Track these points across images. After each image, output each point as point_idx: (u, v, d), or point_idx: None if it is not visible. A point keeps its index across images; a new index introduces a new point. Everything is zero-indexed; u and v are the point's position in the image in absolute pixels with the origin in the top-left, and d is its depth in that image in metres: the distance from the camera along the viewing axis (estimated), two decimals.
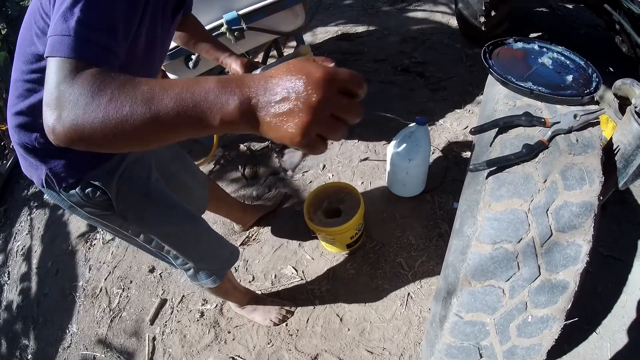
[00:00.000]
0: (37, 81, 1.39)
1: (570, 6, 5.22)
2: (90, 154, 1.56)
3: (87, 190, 1.61)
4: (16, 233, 4.00)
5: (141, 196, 1.77)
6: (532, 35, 4.69)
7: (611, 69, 3.92)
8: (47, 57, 1.00)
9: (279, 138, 0.83)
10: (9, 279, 3.61)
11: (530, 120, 1.60)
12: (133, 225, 1.82)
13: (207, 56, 2.13)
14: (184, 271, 2.14)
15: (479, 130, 1.68)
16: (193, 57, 2.75)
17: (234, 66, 2.06)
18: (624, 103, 1.58)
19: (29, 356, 2.98)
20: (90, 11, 1.05)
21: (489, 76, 1.95)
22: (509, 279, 1.42)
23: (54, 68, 0.97)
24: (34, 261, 3.60)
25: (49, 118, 0.93)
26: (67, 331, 2.97)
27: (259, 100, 0.82)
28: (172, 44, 2.55)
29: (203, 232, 2.08)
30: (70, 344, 2.88)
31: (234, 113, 0.82)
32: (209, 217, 3.24)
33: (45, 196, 4.07)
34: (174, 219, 1.90)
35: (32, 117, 1.46)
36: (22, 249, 3.79)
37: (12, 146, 4.73)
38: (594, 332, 2.30)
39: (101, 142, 0.91)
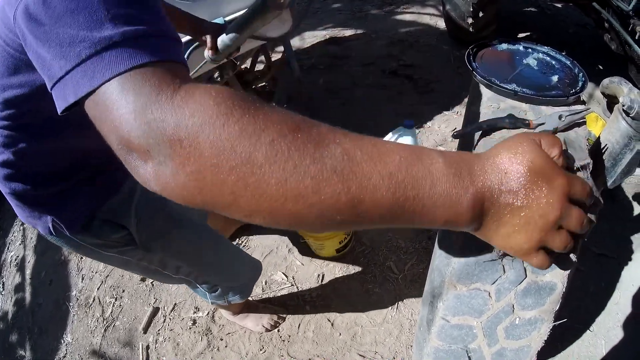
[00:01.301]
0: (11, 128, 1.23)
1: (559, 5, 5.24)
2: (97, 188, 1.46)
3: (103, 229, 1.47)
4: (9, 243, 3.98)
5: (163, 220, 1.64)
6: (521, 35, 4.71)
7: (601, 67, 3.95)
8: (89, 91, 0.65)
9: (503, 246, 0.70)
10: (3, 289, 3.60)
11: (514, 122, 1.59)
12: (157, 255, 1.69)
13: (188, 33, 1.91)
14: (207, 292, 2.08)
15: (462, 134, 1.68)
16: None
17: (208, 36, 1.83)
18: (611, 101, 1.58)
19: None
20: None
21: (473, 79, 1.96)
22: (494, 282, 1.41)
23: (115, 92, 0.63)
24: (28, 271, 3.59)
25: (150, 168, 0.62)
26: (62, 341, 2.95)
27: (494, 203, 0.66)
28: None
29: (227, 247, 2.04)
30: (66, 354, 2.88)
31: (465, 215, 0.65)
32: None
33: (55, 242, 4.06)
34: (199, 237, 1.81)
35: (23, 165, 1.32)
36: (15, 260, 3.77)
37: None
38: (588, 330, 2.31)
39: (246, 213, 0.61)
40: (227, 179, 0.57)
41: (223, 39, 1.76)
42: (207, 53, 1.84)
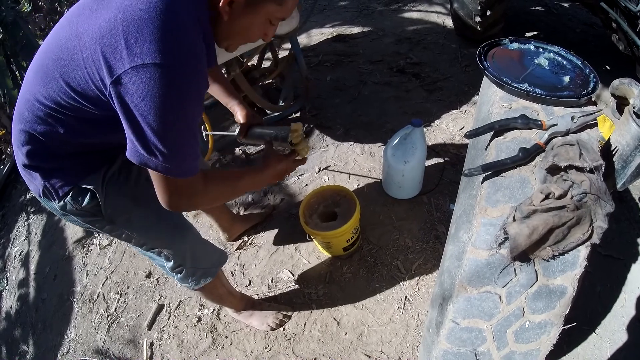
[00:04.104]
0: (63, 114, 1.44)
1: (566, 5, 5.22)
2: (83, 164, 1.66)
3: (78, 197, 1.66)
4: (14, 239, 3.99)
5: (128, 200, 1.78)
6: (528, 34, 4.69)
7: (608, 68, 3.93)
8: (162, 174, 1.35)
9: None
10: (7, 284, 3.60)
11: (526, 122, 1.59)
12: (121, 229, 1.84)
13: (218, 98, 2.18)
14: (174, 274, 2.12)
15: (474, 134, 1.67)
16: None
17: (239, 117, 2.15)
18: (621, 103, 1.57)
19: None
20: (184, 139, 1.35)
21: (485, 78, 1.94)
22: (505, 285, 1.41)
23: (182, 184, 1.40)
24: (32, 267, 3.59)
25: (184, 207, 1.52)
26: (66, 337, 2.96)
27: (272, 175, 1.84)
28: None
29: (191, 234, 2.08)
30: (69, 349, 2.88)
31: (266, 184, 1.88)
32: (205, 220, 3.25)
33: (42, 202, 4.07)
34: (162, 221, 1.89)
35: (43, 142, 1.52)
36: (20, 255, 3.78)
37: (9, 151, 4.71)
38: (594, 333, 2.30)
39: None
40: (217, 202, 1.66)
41: (251, 132, 2.12)
42: (237, 132, 2.16)
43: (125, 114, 1.25)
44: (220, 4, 1.35)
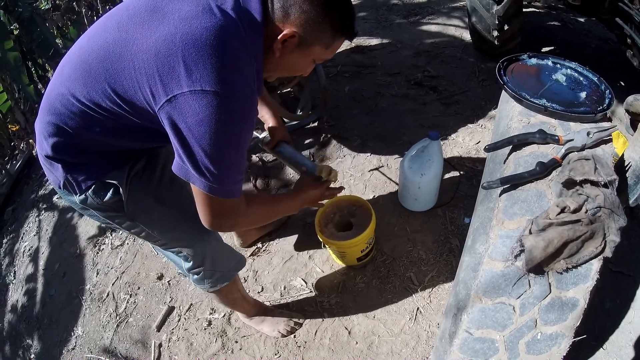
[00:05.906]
0: (102, 115, 1.44)
1: (581, 20, 5.25)
2: (109, 161, 1.65)
3: (100, 192, 1.63)
4: (24, 234, 4.01)
5: (152, 199, 1.77)
6: (544, 49, 4.69)
7: (622, 83, 3.92)
8: (208, 194, 1.41)
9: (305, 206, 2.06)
10: (14, 278, 3.64)
11: (544, 137, 1.61)
12: (142, 226, 1.82)
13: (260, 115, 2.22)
14: (191, 275, 2.11)
15: (493, 147, 1.68)
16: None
17: (270, 123, 2.24)
18: (635, 119, 1.58)
19: (32, 356, 3.00)
20: (234, 162, 1.42)
21: (503, 92, 1.96)
22: (519, 297, 1.44)
23: (226, 204, 1.48)
24: (41, 262, 3.61)
25: (225, 227, 1.63)
26: (72, 333, 2.97)
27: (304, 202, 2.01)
28: None
29: (214, 237, 2.06)
30: (75, 346, 2.89)
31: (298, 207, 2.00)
32: None
33: (56, 197, 4.08)
34: (185, 222, 1.86)
35: (71, 135, 1.51)
36: (29, 250, 3.81)
37: (23, 147, 4.72)
38: (601, 348, 2.28)
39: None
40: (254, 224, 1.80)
41: (282, 149, 2.24)
42: (267, 138, 2.26)
43: (176, 133, 1.31)
44: (275, 41, 1.42)
